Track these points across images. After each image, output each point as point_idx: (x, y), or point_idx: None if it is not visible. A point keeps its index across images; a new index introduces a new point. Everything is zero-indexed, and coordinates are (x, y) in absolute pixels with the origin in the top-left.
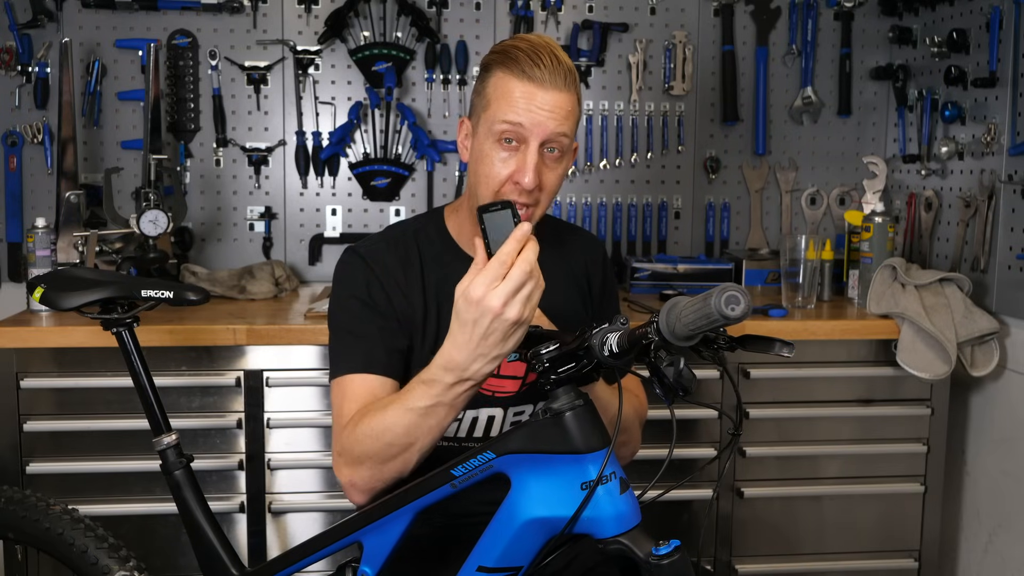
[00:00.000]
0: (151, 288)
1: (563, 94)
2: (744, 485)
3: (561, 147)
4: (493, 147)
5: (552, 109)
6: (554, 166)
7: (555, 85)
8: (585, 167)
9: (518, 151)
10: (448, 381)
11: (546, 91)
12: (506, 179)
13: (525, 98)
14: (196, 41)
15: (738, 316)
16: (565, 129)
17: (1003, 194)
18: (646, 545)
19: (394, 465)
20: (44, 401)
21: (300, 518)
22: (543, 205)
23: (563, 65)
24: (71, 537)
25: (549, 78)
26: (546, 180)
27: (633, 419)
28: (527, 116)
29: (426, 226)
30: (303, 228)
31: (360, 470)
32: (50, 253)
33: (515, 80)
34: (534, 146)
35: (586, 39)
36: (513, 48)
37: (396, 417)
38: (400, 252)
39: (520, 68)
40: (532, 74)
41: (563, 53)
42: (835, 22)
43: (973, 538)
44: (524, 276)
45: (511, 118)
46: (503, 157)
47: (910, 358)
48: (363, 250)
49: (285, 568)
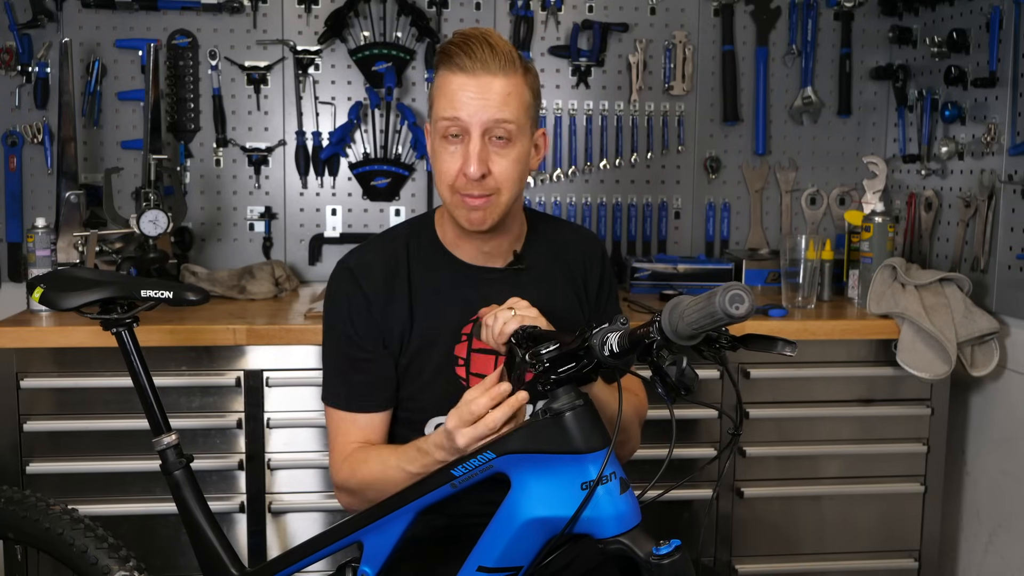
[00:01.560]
0: (151, 288)
1: (498, 79)
2: (744, 485)
3: (507, 132)
4: (441, 144)
5: (486, 96)
6: (504, 152)
7: (488, 71)
8: (585, 167)
9: (463, 143)
10: (438, 457)
11: (478, 79)
12: (457, 173)
13: (460, 90)
14: (196, 41)
15: (742, 315)
16: (505, 114)
17: (1003, 194)
18: (646, 545)
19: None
20: (44, 401)
21: (300, 518)
22: (505, 194)
23: (498, 51)
24: (71, 537)
25: (481, 66)
26: (497, 168)
27: (633, 418)
28: (463, 108)
29: (419, 230)
30: (303, 228)
31: (355, 499)
32: (50, 253)
33: (450, 75)
34: (475, 135)
35: (586, 39)
36: (448, 44)
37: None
38: (390, 260)
39: (453, 62)
40: (463, 65)
41: (500, 40)
42: (835, 22)
43: (973, 538)
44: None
45: (448, 113)
46: (451, 152)
47: (910, 358)
48: (353, 263)
49: (285, 568)
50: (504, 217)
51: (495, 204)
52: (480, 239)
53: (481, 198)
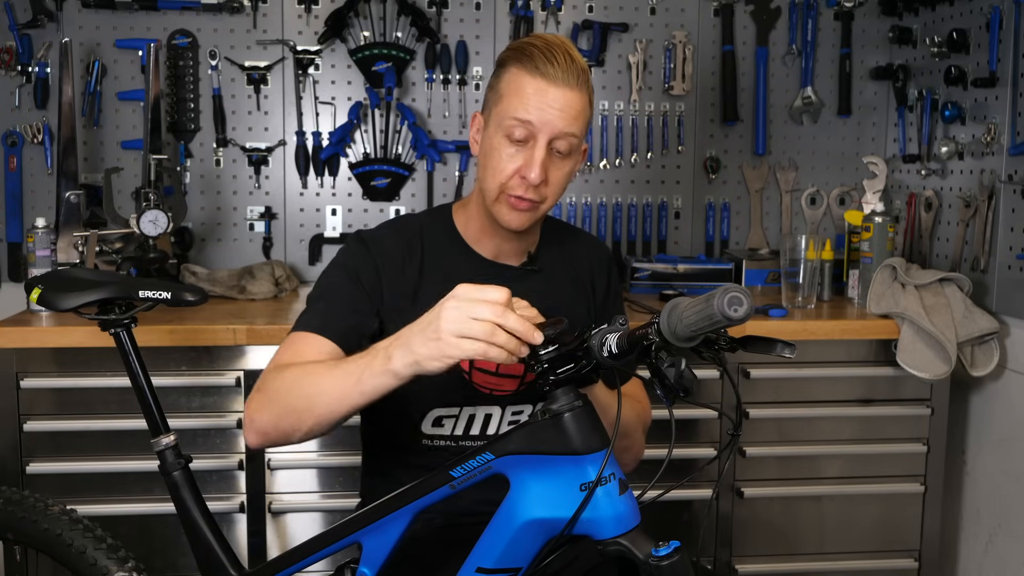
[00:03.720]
0: (149, 289)
1: (574, 93)
2: (744, 485)
3: (569, 146)
4: (502, 142)
5: (563, 108)
6: (561, 164)
7: (567, 83)
8: (585, 167)
9: (526, 146)
10: (376, 351)
11: (558, 88)
12: (512, 174)
13: (537, 95)
14: (196, 41)
15: (741, 317)
16: (574, 129)
17: (1003, 194)
18: (645, 546)
19: (288, 421)
20: (44, 401)
21: (300, 518)
22: (549, 202)
23: (576, 64)
24: (70, 538)
25: (562, 76)
26: (552, 177)
27: (635, 424)
28: (537, 113)
29: (434, 221)
30: (303, 228)
31: (265, 410)
32: (50, 253)
33: (528, 76)
34: (542, 142)
35: (586, 39)
36: (528, 45)
37: (317, 370)
38: (403, 242)
39: (534, 64)
40: (545, 71)
41: (577, 53)
42: (835, 22)
43: (973, 538)
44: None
45: (521, 115)
46: (511, 152)
47: (910, 358)
48: (366, 234)
49: (285, 568)
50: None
51: (538, 211)
52: (505, 237)
53: (527, 203)
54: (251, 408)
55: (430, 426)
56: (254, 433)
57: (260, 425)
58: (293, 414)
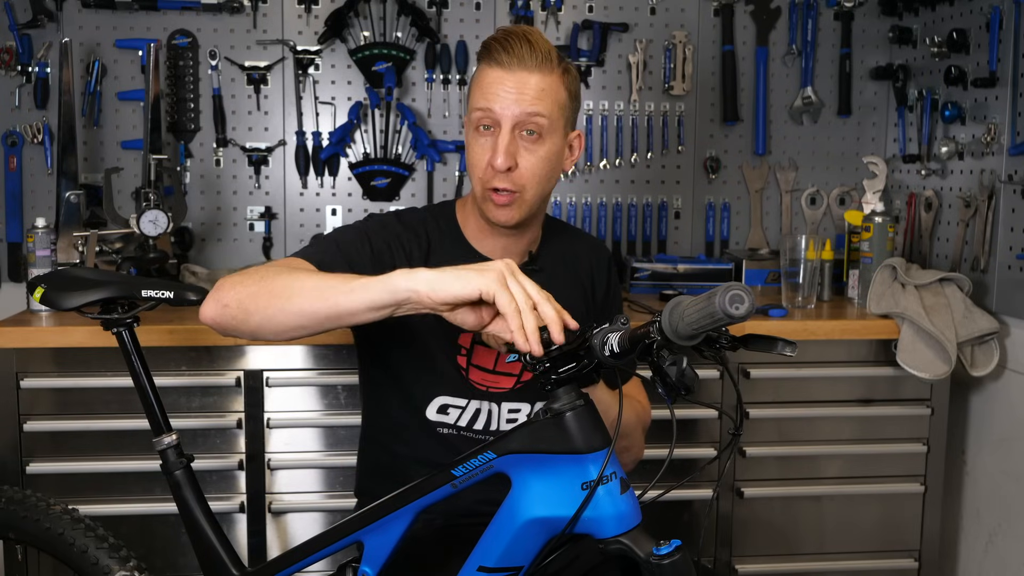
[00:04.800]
0: (151, 288)
1: (534, 75)
2: (744, 485)
3: (539, 128)
4: (473, 135)
5: (520, 90)
6: (533, 148)
7: (524, 67)
8: (585, 167)
9: (494, 136)
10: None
11: (514, 73)
12: (486, 165)
13: (495, 83)
14: (196, 41)
15: (742, 315)
16: (538, 108)
17: (1003, 194)
18: (647, 545)
19: (257, 301)
20: (44, 401)
21: (300, 518)
22: (531, 191)
23: (536, 48)
24: (71, 537)
25: (518, 61)
26: (524, 162)
27: (635, 424)
28: (495, 100)
29: (437, 216)
30: (303, 228)
31: (238, 285)
32: (50, 253)
33: (487, 67)
34: (506, 128)
35: (586, 39)
36: (490, 39)
37: (309, 271)
38: (411, 232)
39: (491, 56)
40: (501, 59)
41: (541, 38)
42: (835, 22)
43: (973, 538)
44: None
45: (481, 104)
46: (483, 144)
47: (910, 358)
48: (383, 215)
49: (285, 568)
50: (531, 216)
51: (520, 202)
52: (503, 235)
53: (506, 196)
54: (223, 281)
55: (435, 412)
56: (213, 302)
57: (224, 296)
58: (265, 296)
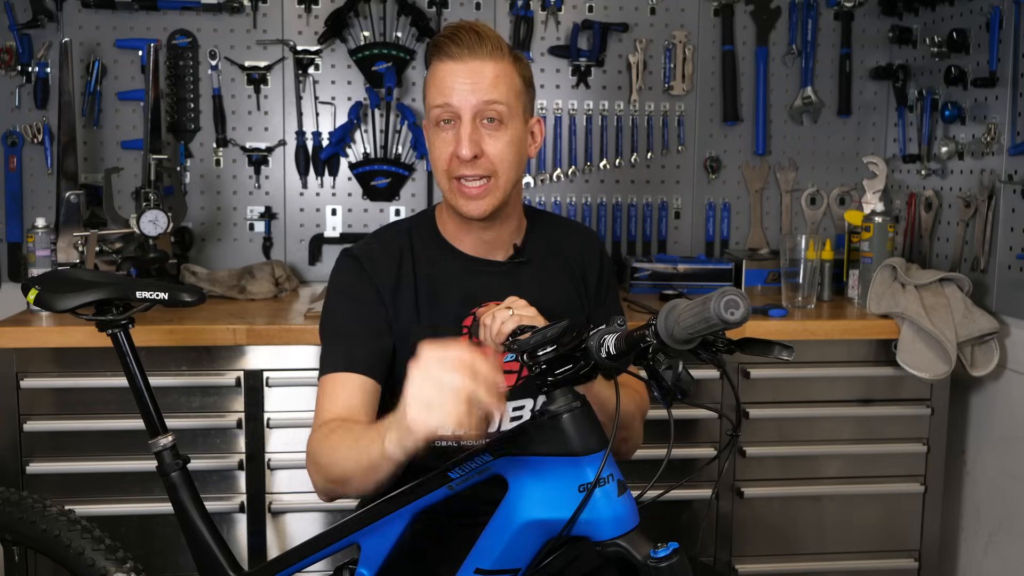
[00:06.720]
0: (146, 289)
1: (486, 63)
2: (744, 485)
3: (498, 115)
4: (435, 132)
5: (476, 80)
6: (497, 135)
7: (475, 56)
8: (585, 167)
9: (455, 128)
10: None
11: (465, 64)
12: (449, 157)
13: (449, 76)
14: (196, 41)
15: (737, 320)
16: (495, 95)
17: (1003, 194)
18: (644, 547)
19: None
20: (44, 401)
21: (300, 518)
22: (502, 177)
23: (485, 38)
24: (67, 539)
25: (468, 52)
26: (490, 149)
27: (635, 413)
28: (453, 94)
29: (419, 224)
30: (303, 228)
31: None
32: (50, 253)
33: (439, 64)
34: (466, 118)
35: (586, 39)
36: (437, 36)
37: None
38: (393, 251)
39: (442, 51)
40: (451, 52)
41: (488, 29)
42: (835, 22)
43: (973, 538)
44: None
45: (439, 100)
46: (444, 138)
47: (910, 358)
48: (356, 251)
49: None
50: (503, 205)
51: (493, 188)
52: (480, 229)
53: (479, 183)
54: (309, 472)
55: None
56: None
57: (317, 488)
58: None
